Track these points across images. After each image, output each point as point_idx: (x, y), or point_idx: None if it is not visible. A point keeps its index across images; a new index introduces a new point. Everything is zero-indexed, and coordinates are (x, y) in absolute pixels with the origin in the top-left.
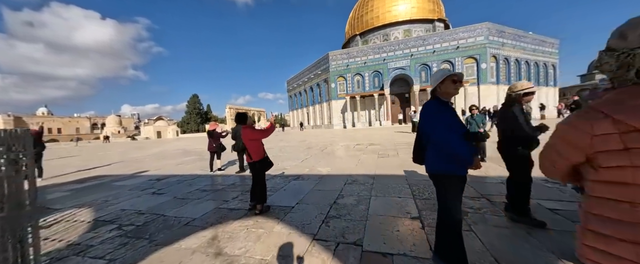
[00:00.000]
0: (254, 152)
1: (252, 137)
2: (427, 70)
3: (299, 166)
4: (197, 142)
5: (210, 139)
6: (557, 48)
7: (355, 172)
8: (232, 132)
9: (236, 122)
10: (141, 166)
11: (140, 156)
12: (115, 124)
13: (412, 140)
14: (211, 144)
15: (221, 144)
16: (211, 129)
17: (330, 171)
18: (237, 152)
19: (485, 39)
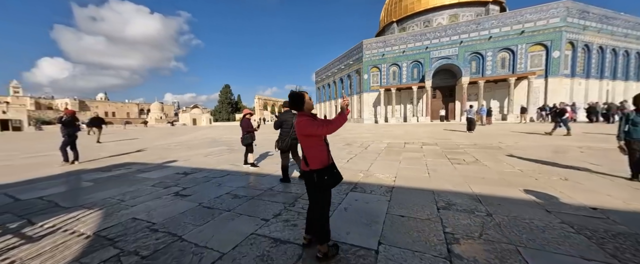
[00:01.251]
0: (313, 157)
1: (310, 132)
2: (478, 60)
3: (347, 169)
4: (227, 131)
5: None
6: None
7: (438, 186)
8: (278, 122)
9: (288, 107)
10: (171, 154)
11: (172, 142)
12: (158, 111)
13: (474, 140)
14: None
15: (250, 135)
16: (243, 115)
17: (396, 180)
18: (282, 151)
19: (561, 21)
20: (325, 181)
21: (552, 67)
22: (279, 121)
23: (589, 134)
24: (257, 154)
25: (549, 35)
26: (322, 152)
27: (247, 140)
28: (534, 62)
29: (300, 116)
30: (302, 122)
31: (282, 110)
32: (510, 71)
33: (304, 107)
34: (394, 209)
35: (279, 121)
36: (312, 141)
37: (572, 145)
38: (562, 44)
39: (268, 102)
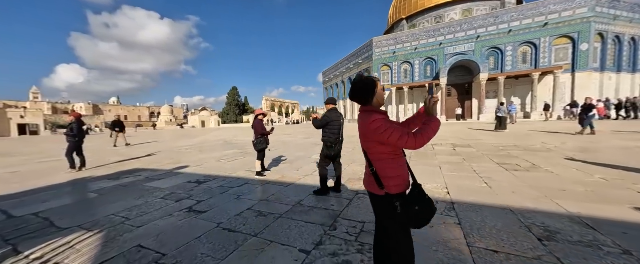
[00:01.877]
0: (390, 174)
1: (388, 140)
2: (497, 55)
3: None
4: (237, 133)
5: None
6: None
7: (512, 202)
8: (321, 121)
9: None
10: (182, 159)
11: (184, 145)
12: (168, 114)
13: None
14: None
15: (263, 139)
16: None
17: (450, 192)
18: (332, 159)
19: (589, 11)
20: (414, 213)
21: (580, 61)
22: (322, 120)
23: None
24: (269, 159)
25: (576, 26)
26: (402, 168)
27: (261, 145)
28: (559, 56)
29: (369, 113)
30: (376, 123)
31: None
32: (532, 66)
33: (373, 100)
34: (474, 239)
35: (323, 120)
36: (387, 152)
37: (634, 145)
38: (591, 36)
39: (276, 103)
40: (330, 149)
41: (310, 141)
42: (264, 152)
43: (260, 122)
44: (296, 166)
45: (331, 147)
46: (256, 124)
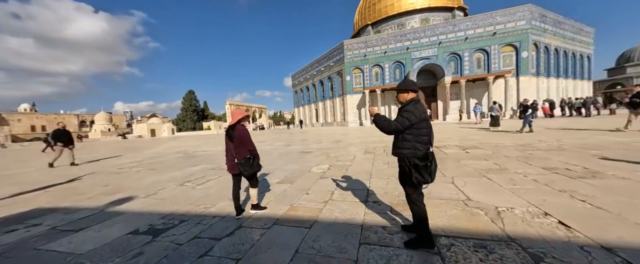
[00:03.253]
0: None
1: None
2: (456, 60)
3: (437, 196)
4: (198, 142)
5: (231, 144)
6: (592, 37)
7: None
8: (409, 119)
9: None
10: (124, 184)
11: (127, 162)
12: (105, 122)
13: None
14: (231, 155)
15: (252, 158)
16: (236, 121)
17: (585, 228)
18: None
19: (527, 24)
20: None
21: (522, 67)
22: (403, 117)
23: (598, 130)
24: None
25: (518, 36)
26: None
27: (254, 167)
28: (505, 62)
29: None
30: None
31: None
32: (485, 70)
33: None
34: None
35: (405, 117)
36: None
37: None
38: (529, 45)
39: (241, 108)
40: (423, 170)
41: (294, 148)
42: (256, 177)
43: (245, 130)
44: (300, 186)
45: (425, 168)
46: (242, 134)
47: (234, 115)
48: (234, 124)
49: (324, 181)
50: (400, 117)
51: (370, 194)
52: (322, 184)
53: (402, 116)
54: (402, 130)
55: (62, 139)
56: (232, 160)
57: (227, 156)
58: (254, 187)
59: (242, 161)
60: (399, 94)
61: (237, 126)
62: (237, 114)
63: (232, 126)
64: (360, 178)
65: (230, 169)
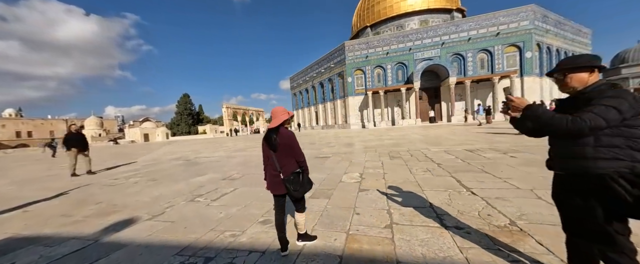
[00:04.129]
0: None
1: None
2: (459, 61)
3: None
4: (198, 147)
5: (273, 154)
6: (590, 39)
7: None
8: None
9: None
10: (120, 201)
11: (121, 171)
12: (96, 127)
13: None
14: (274, 169)
15: (301, 173)
16: (279, 123)
17: None
18: None
19: (530, 24)
20: None
21: (526, 67)
22: (623, 105)
23: None
24: None
25: (521, 36)
26: None
27: (305, 186)
28: (509, 63)
29: None
30: None
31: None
32: (489, 71)
33: None
34: None
35: (628, 106)
36: None
37: None
38: (533, 45)
39: (238, 111)
40: None
41: (307, 153)
42: (303, 200)
43: (292, 135)
44: (341, 202)
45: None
46: (289, 141)
47: (277, 115)
48: (276, 127)
49: (366, 194)
50: (599, 108)
51: (442, 214)
52: (367, 199)
53: (605, 106)
54: (602, 128)
55: (76, 144)
56: (275, 175)
57: (267, 170)
58: (301, 211)
59: (289, 177)
60: (570, 74)
61: (280, 129)
62: (280, 114)
63: (275, 129)
64: (410, 190)
65: (273, 187)
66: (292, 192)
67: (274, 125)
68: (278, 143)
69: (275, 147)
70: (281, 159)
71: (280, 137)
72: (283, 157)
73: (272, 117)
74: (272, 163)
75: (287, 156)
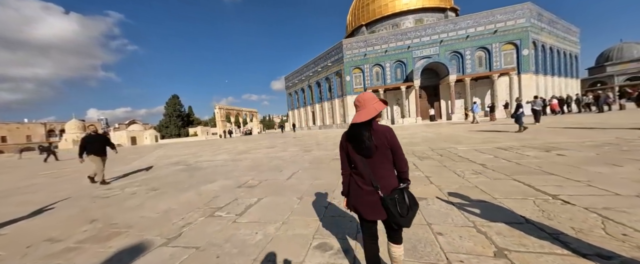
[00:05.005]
0: None
1: None
2: (458, 59)
3: None
4: (193, 149)
5: (363, 159)
6: (578, 37)
7: None
8: None
9: None
10: (118, 216)
11: (110, 179)
12: (78, 130)
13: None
14: (365, 182)
15: (405, 191)
16: (375, 115)
17: None
18: None
19: (527, 22)
20: None
21: (523, 65)
22: None
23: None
24: (320, 207)
25: (518, 34)
26: None
27: (413, 208)
28: (506, 60)
29: None
30: None
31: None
32: (487, 68)
33: None
34: None
35: None
36: None
37: None
38: (529, 43)
39: (231, 112)
40: None
41: (319, 155)
42: None
43: (391, 132)
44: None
45: None
46: (389, 140)
47: (367, 103)
48: (368, 122)
49: (429, 205)
50: None
51: (555, 233)
52: (435, 211)
53: None
54: None
55: (96, 149)
56: (369, 193)
57: (351, 183)
58: (398, 243)
59: (392, 196)
60: None
61: (372, 123)
62: (373, 102)
63: (365, 124)
64: (479, 198)
65: (366, 209)
66: (398, 219)
67: (363, 118)
68: (369, 145)
69: (370, 150)
70: (378, 169)
71: (375, 136)
72: (380, 165)
73: (360, 106)
74: (362, 174)
75: (385, 162)
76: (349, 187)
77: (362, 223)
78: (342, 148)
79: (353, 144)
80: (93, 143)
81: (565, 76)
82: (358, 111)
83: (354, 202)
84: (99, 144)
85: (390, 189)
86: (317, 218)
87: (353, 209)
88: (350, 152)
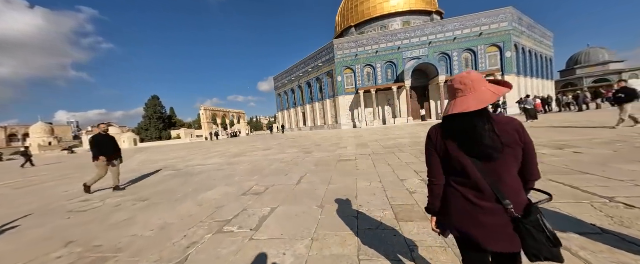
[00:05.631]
0: None
1: None
2: (446, 60)
3: None
4: (181, 153)
5: (478, 163)
6: (552, 41)
7: None
8: None
9: None
10: (102, 236)
11: (71, 198)
12: (44, 134)
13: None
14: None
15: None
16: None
17: None
18: None
19: (509, 25)
20: None
21: (507, 66)
22: None
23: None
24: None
25: (502, 37)
26: None
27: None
28: (491, 62)
29: None
30: None
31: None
32: (473, 70)
33: None
34: None
35: None
36: None
37: None
38: (512, 46)
39: (218, 113)
40: None
41: (321, 157)
42: None
43: (520, 125)
44: None
45: None
46: (520, 135)
47: (475, 86)
48: (482, 111)
49: None
50: None
51: (633, 238)
52: None
53: None
54: None
55: (106, 151)
56: (490, 211)
57: (456, 196)
58: None
59: (530, 218)
60: None
61: (489, 114)
62: (486, 86)
63: (478, 114)
64: None
65: (487, 235)
66: (542, 252)
67: (476, 106)
68: (499, 142)
69: (495, 151)
70: (505, 177)
71: (500, 130)
72: (507, 172)
73: (465, 89)
74: (478, 184)
75: (513, 168)
76: (446, 203)
77: (467, 253)
78: (434, 148)
79: (462, 141)
80: (105, 144)
81: (542, 78)
82: (459, 96)
83: (460, 224)
84: (112, 146)
85: (522, 206)
86: (351, 232)
87: (456, 234)
88: (455, 154)
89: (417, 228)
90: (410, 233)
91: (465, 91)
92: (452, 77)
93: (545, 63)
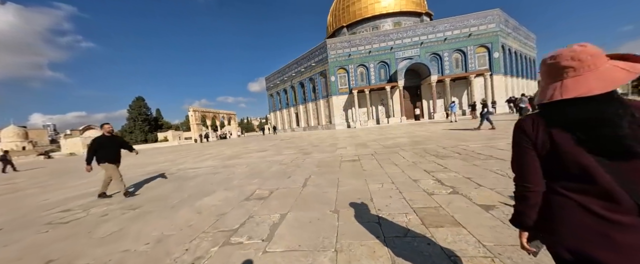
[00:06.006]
0: None
1: None
2: (437, 60)
3: None
4: (170, 156)
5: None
6: (535, 43)
7: None
8: None
9: None
10: (88, 252)
11: (71, 196)
12: (17, 138)
13: None
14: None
15: None
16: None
17: None
18: None
19: (496, 27)
20: None
21: (495, 66)
22: None
23: None
24: None
25: (490, 38)
26: None
27: None
28: (480, 62)
29: None
30: None
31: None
32: (463, 70)
33: None
34: None
35: None
36: None
37: None
38: (499, 46)
39: (207, 114)
40: None
41: (323, 158)
42: None
43: None
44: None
45: None
46: None
47: (596, 62)
48: (609, 94)
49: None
50: None
51: None
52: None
53: None
54: None
55: (111, 156)
56: (631, 227)
57: (568, 206)
58: None
59: None
60: None
61: (614, 96)
62: (609, 62)
63: (605, 98)
64: None
65: (623, 262)
66: None
67: (600, 88)
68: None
69: (627, 144)
70: None
71: None
72: None
73: (579, 66)
74: (608, 191)
75: None
76: (549, 216)
77: None
78: (532, 145)
79: (583, 135)
80: (108, 148)
81: (527, 78)
82: (571, 76)
83: (578, 244)
84: (116, 149)
85: None
86: (377, 241)
87: (568, 256)
88: (570, 151)
89: (450, 234)
90: (446, 241)
91: (581, 69)
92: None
93: (529, 63)
